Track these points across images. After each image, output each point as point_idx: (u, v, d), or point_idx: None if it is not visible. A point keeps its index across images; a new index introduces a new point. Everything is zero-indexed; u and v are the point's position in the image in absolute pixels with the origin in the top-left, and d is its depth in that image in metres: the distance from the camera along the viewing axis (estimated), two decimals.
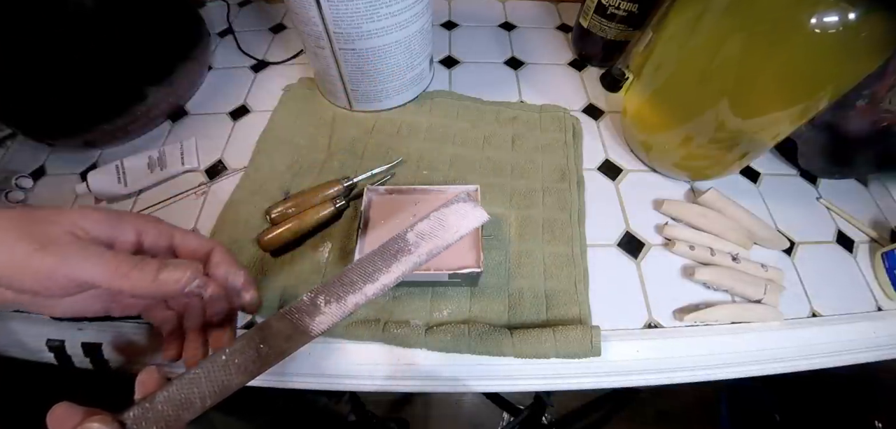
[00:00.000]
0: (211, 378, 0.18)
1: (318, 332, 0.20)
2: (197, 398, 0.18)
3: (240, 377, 0.19)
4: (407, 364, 0.34)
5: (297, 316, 0.20)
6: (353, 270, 0.21)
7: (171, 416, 0.18)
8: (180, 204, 0.42)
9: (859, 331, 0.36)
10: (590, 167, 0.46)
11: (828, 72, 0.30)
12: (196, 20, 0.52)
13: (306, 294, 0.20)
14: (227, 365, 0.19)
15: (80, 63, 0.40)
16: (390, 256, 0.21)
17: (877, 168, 0.45)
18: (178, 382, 0.18)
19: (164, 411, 0.18)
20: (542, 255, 0.38)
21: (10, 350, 0.35)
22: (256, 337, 0.19)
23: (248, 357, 0.19)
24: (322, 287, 0.20)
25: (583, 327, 0.33)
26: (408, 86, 0.48)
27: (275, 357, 0.19)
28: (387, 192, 0.36)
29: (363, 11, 0.39)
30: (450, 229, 0.22)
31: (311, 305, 0.20)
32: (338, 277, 0.21)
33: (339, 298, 0.20)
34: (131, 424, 0.17)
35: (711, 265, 0.38)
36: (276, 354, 0.19)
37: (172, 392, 0.18)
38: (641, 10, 0.49)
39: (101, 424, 0.17)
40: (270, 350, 0.19)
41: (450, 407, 0.92)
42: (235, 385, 0.19)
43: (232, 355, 0.19)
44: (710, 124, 0.37)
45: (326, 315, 0.20)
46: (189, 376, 0.18)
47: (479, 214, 0.23)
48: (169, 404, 0.18)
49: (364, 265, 0.21)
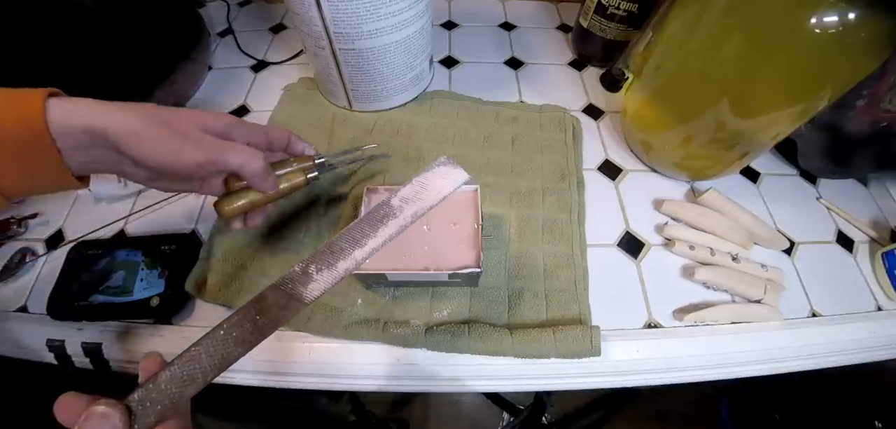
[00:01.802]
0: (210, 353, 0.19)
1: (310, 298, 0.21)
2: (198, 374, 0.19)
3: (238, 349, 0.19)
4: (407, 364, 0.34)
5: (290, 286, 0.20)
6: (341, 238, 0.22)
7: (175, 393, 0.18)
8: (180, 204, 0.42)
9: (859, 331, 0.36)
10: (590, 167, 0.46)
11: (827, 72, 0.30)
12: (196, 20, 0.52)
13: (298, 265, 0.21)
14: (225, 339, 0.19)
15: (80, 63, 0.40)
16: (377, 222, 0.22)
17: (877, 168, 0.45)
18: (179, 361, 0.19)
19: (167, 390, 0.18)
20: (542, 255, 0.38)
21: (9, 350, 0.35)
22: (252, 309, 0.20)
23: (245, 330, 0.20)
24: (313, 257, 0.21)
25: (583, 327, 0.33)
26: (408, 86, 0.48)
27: (271, 326, 0.20)
28: (387, 191, 0.36)
29: (363, 11, 0.39)
30: (432, 191, 0.23)
31: (303, 274, 0.21)
32: (327, 246, 0.22)
33: (330, 265, 0.21)
34: (136, 406, 0.18)
35: (711, 265, 0.38)
36: (272, 323, 0.20)
37: (174, 371, 0.19)
38: (641, 10, 0.49)
39: (106, 406, 0.17)
40: (266, 320, 0.20)
41: (450, 407, 0.92)
42: (235, 357, 0.19)
43: (230, 329, 0.20)
44: (710, 124, 0.37)
45: (318, 282, 0.21)
46: (189, 354, 0.19)
47: (460, 173, 0.24)
48: (172, 383, 0.18)
49: (352, 233, 0.22)
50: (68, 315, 0.34)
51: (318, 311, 0.35)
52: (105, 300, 0.35)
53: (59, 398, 0.18)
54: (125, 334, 0.35)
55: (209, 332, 0.20)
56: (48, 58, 0.38)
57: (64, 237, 0.41)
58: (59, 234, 0.41)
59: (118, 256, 0.37)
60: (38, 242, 0.40)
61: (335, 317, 0.34)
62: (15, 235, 0.40)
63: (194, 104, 0.52)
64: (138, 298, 0.35)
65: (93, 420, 0.17)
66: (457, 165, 0.24)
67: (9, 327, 0.36)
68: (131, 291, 0.35)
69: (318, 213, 0.41)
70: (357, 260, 0.22)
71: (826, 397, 0.66)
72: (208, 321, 0.35)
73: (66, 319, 0.34)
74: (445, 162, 0.24)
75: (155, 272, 0.36)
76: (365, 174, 0.43)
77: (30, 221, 0.41)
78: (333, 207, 0.41)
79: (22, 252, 0.39)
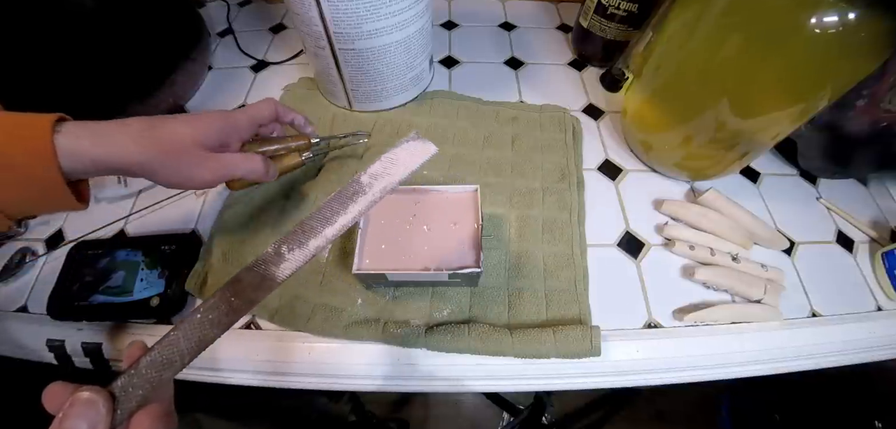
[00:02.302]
0: (188, 336, 0.20)
1: (282, 277, 0.21)
2: (176, 357, 0.20)
3: (214, 330, 0.20)
4: (407, 364, 0.34)
5: (263, 267, 0.21)
6: (312, 217, 0.22)
7: (155, 377, 0.19)
8: (180, 204, 0.42)
9: (859, 331, 0.36)
10: (590, 167, 0.46)
11: (827, 72, 0.30)
12: (196, 20, 0.52)
13: (271, 246, 0.22)
14: (202, 322, 0.20)
15: (80, 63, 0.40)
16: (347, 199, 0.23)
17: (877, 168, 0.45)
18: (158, 345, 0.20)
19: (147, 374, 0.19)
20: (541, 255, 0.38)
21: (10, 350, 0.35)
22: (228, 292, 0.21)
23: (220, 312, 0.20)
24: (285, 238, 0.22)
25: (583, 327, 0.33)
26: (408, 86, 0.48)
27: (246, 306, 0.21)
28: None
29: (363, 11, 0.39)
30: (401, 165, 0.24)
31: (275, 254, 0.21)
32: (299, 226, 0.22)
33: (302, 244, 0.22)
34: (119, 392, 0.19)
35: (711, 265, 0.38)
36: (246, 303, 0.21)
37: (154, 356, 0.20)
38: (641, 10, 0.49)
39: (90, 392, 0.18)
40: (241, 301, 0.21)
41: (450, 407, 0.92)
42: (211, 338, 0.20)
43: (206, 312, 0.20)
44: (710, 124, 0.37)
45: (290, 261, 0.21)
46: (168, 338, 0.20)
47: (428, 147, 0.24)
48: (151, 368, 0.19)
49: (322, 212, 0.22)
50: (68, 315, 0.34)
51: (318, 311, 0.35)
52: (105, 300, 0.35)
53: (48, 387, 0.19)
54: (125, 335, 0.35)
55: (187, 317, 0.20)
56: (48, 58, 0.38)
57: (64, 237, 0.41)
58: (59, 234, 0.41)
59: (118, 256, 0.37)
60: (38, 242, 0.40)
61: (335, 317, 0.34)
62: (15, 235, 0.40)
63: (194, 105, 0.52)
64: (138, 298, 0.35)
65: (77, 406, 0.18)
66: (426, 140, 0.24)
67: (9, 326, 0.36)
68: (131, 291, 0.35)
69: None
70: (328, 238, 0.22)
71: (826, 397, 0.66)
72: None
73: (66, 319, 0.34)
74: (414, 137, 0.24)
75: (155, 272, 0.36)
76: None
77: (30, 220, 0.41)
78: None
79: (22, 252, 0.39)
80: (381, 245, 0.33)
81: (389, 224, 0.34)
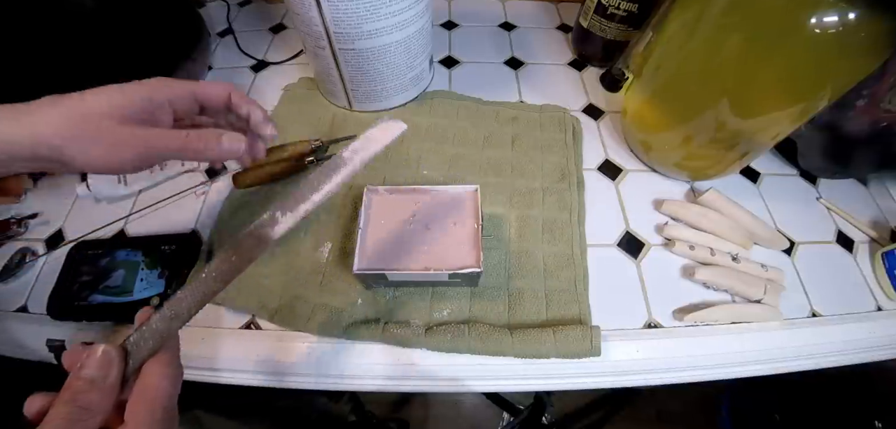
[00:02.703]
0: (194, 292, 0.22)
1: (277, 236, 0.24)
2: (184, 309, 0.22)
3: (217, 284, 0.23)
4: (407, 364, 0.34)
5: (260, 229, 0.24)
6: (301, 186, 0.25)
7: (163, 329, 0.21)
8: (180, 204, 0.42)
9: (859, 331, 0.36)
10: (590, 167, 0.46)
11: (827, 72, 0.30)
12: (196, 20, 0.52)
13: (267, 212, 0.24)
14: (206, 279, 0.22)
15: (80, 63, 0.40)
16: (331, 171, 0.26)
17: (877, 168, 0.45)
18: (167, 302, 0.22)
19: (157, 327, 0.21)
20: (541, 255, 0.38)
21: (10, 350, 0.35)
22: (229, 252, 0.23)
23: (223, 268, 0.23)
24: (278, 204, 0.25)
25: (583, 327, 0.33)
26: (408, 86, 0.48)
27: (245, 262, 0.23)
28: (387, 191, 0.36)
29: (363, 11, 0.39)
30: (376, 141, 0.27)
31: (270, 219, 0.24)
32: (291, 194, 0.25)
33: (293, 208, 0.25)
34: (131, 346, 0.21)
35: (711, 265, 0.38)
36: (246, 260, 0.23)
37: (163, 311, 0.22)
38: (641, 10, 0.49)
39: (104, 346, 0.20)
40: (240, 258, 0.23)
41: (450, 407, 0.92)
42: (214, 291, 0.22)
43: (210, 270, 0.23)
44: (710, 124, 0.37)
45: (282, 223, 0.24)
46: (176, 296, 0.22)
47: (400, 125, 0.28)
48: (161, 321, 0.21)
49: (311, 182, 0.25)
50: (68, 315, 0.34)
51: (318, 311, 0.35)
52: (105, 300, 0.35)
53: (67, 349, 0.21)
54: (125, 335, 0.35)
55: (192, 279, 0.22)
56: (48, 58, 0.38)
57: (64, 237, 0.41)
58: (59, 234, 0.41)
59: (118, 256, 0.37)
60: (38, 242, 0.40)
61: (335, 317, 0.34)
62: (15, 235, 0.40)
63: None
64: (138, 298, 0.35)
65: (93, 358, 0.20)
66: (398, 121, 0.28)
67: (9, 326, 0.36)
68: (131, 291, 0.35)
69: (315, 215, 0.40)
70: (315, 202, 0.25)
71: (826, 397, 0.66)
72: (208, 321, 0.35)
73: (66, 319, 0.34)
74: (387, 119, 0.28)
75: (155, 272, 0.36)
76: None
77: (30, 221, 0.41)
78: (333, 209, 0.41)
79: (22, 252, 0.39)
80: (382, 245, 0.33)
81: (389, 224, 0.34)
